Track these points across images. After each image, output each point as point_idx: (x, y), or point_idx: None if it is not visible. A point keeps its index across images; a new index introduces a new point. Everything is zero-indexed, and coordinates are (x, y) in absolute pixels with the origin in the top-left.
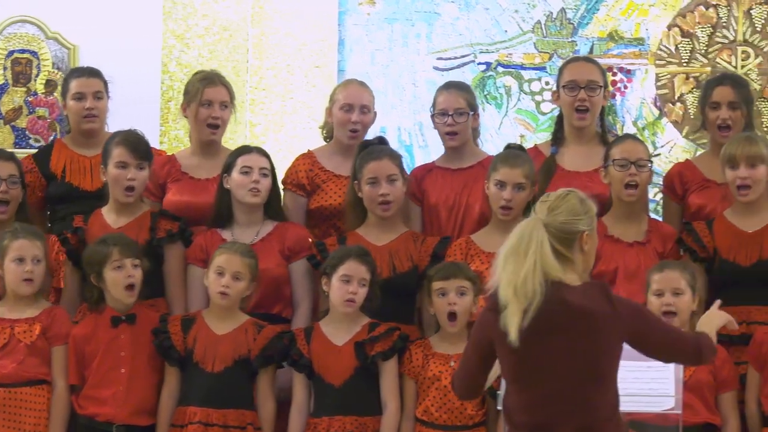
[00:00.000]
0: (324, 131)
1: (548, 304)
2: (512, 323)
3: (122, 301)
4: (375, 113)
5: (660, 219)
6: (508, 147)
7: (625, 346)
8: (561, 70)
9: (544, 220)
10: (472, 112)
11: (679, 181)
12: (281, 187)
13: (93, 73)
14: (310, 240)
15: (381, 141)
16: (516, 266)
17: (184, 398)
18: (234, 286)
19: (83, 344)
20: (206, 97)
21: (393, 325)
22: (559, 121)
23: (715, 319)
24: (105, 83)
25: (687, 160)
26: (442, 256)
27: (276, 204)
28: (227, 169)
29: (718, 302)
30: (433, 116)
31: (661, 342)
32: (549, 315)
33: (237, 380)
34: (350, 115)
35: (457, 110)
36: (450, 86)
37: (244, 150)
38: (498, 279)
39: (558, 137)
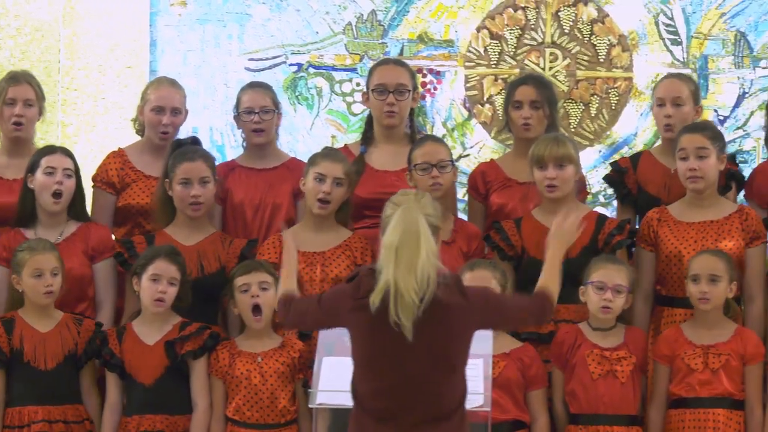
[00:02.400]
0: (136, 124)
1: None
2: (408, 315)
3: None
4: (187, 112)
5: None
6: (327, 149)
7: None
8: (371, 72)
9: (421, 212)
10: (276, 111)
11: (482, 181)
12: (91, 184)
13: None
14: (113, 240)
15: (194, 141)
16: (411, 255)
17: (17, 398)
18: (54, 282)
19: None
20: (10, 95)
21: (203, 324)
22: (369, 121)
23: (555, 254)
24: None
25: (491, 159)
26: (249, 257)
27: (80, 205)
28: (31, 168)
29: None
30: (237, 116)
31: (509, 318)
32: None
33: (69, 376)
34: (161, 116)
35: (263, 108)
36: (254, 85)
37: (49, 150)
38: (390, 270)
39: (368, 137)
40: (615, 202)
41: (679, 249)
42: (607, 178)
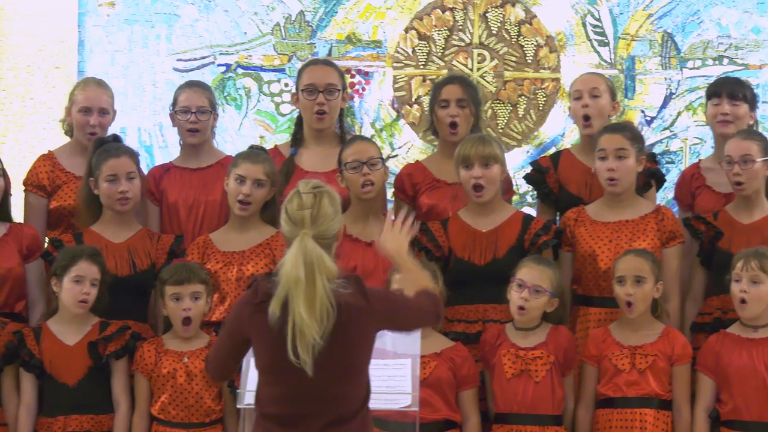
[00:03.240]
0: (64, 125)
1: None
2: (308, 353)
3: None
4: (115, 112)
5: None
6: (251, 148)
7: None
8: (300, 72)
9: (313, 234)
10: (212, 111)
11: (409, 183)
12: (22, 188)
13: None
14: (42, 240)
15: (116, 139)
16: (310, 293)
17: None
18: None
19: None
20: None
21: (124, 324)
22: (299, 122)
23: (402, 259)
24: None
25: (417, 161)
26: (179, 253)
27: (6, 205)
28: None
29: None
30: (173, 114)
31: (409, 318)
32: None
33: None
34: (89, 117)
35: (199, 108)
36: (192, 85)
37: None
38: (294, 307)
39: (297, 138)
40: (537, 200)
41: (594, 249)
42: (528, 178)
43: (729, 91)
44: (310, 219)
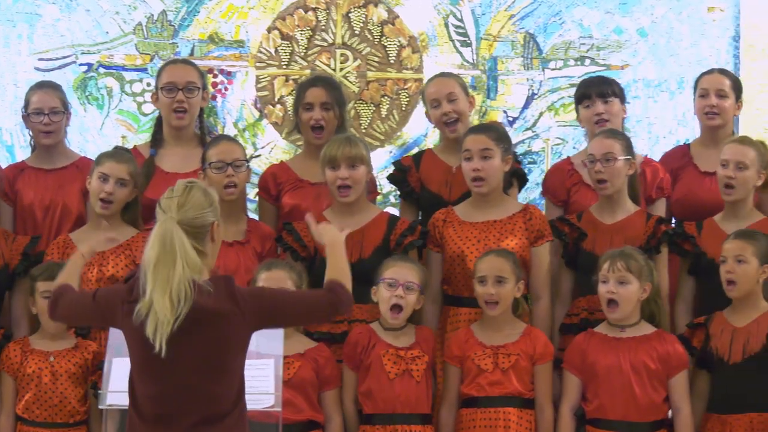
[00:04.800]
0: None
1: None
2: (163, 332)
3: None
4: None
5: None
6: (116, 149)
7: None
8: (159, 72)
9: (177, 218)
10: (65, 111)
11: (273, 182)
12: None
13: None
14: None
15: None
16: (167, 272)
17: None
18: None
19: None
20: None
21: None
22: (159, 122)
23: (334, 249)
24: None
25: (281, 161)
26: (32, 254)
27: None
28: None
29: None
30: (26, 116)
31: (295, 313)
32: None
33: None
34: None
35: (52, 109)
36: (44, 85)
37: None
38: (149, 288)
39: (157, 139)
40: (400, 199)
41: (462, 249)
42: (391, 177)
43: (599, 90)
44: (176, 205)
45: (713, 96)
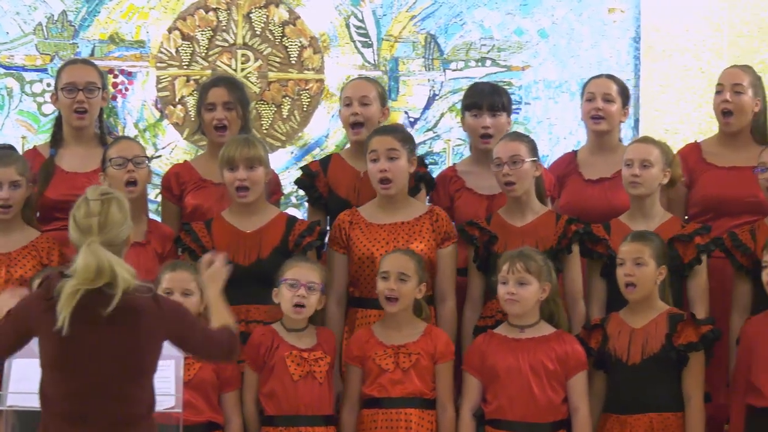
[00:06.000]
0: None
1: (98, 297)
2: (67, 304)
3: None
4: None
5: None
6: (1, 147)
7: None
8: (59, 72)
9: (101, 240)
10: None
11: (176, 182)
12: None
13: None
14: None
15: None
16: (89, 258)
17: None
18: None
19: None
20: None
21: None
22: (58, 122)
23: (213, 294)
24: None
25: (185, 161)
26: None
27: None
28: None
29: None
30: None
31: (198, 343)
32: (96, 308)
33: None
34: None
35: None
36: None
37: None
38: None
39: (57, 138)
40: (307, 204)
41: (372, 251)
42: (299, 182)
43: (489, 102)
44: (97, 227)
45: (599, 100)
